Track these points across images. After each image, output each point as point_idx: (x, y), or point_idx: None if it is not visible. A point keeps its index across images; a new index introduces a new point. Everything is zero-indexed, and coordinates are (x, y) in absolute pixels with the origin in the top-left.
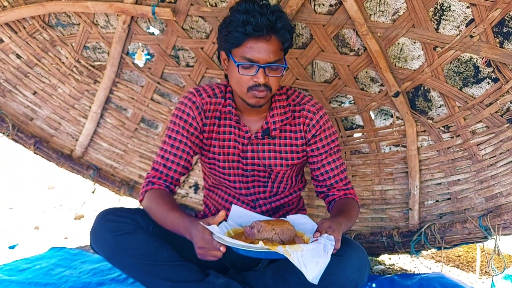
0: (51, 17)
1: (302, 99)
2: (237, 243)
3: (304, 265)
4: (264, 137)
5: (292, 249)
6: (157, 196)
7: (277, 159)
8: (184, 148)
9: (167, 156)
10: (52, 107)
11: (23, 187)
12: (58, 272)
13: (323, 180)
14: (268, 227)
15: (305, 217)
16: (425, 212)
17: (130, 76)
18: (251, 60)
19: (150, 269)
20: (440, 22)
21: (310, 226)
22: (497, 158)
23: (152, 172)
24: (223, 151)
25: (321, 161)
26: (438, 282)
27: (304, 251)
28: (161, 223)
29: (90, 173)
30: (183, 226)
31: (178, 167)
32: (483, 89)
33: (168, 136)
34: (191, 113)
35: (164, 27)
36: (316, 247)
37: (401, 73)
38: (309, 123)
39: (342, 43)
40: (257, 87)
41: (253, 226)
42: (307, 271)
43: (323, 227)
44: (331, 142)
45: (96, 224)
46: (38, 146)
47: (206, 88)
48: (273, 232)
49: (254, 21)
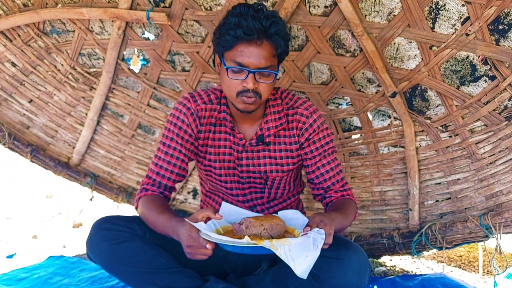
0: (45, 24)
1: (295, 102)
2: (222, 239)
3: (292, 259)
4: (258, 144)
5: (279, 243)
6: (149, 201)
7: (272, 166)
8: (179, 156)
9: (161, 164)
10: (48, 114)
11: (20, 196)
12: (57, 280)
13: (319, 182)
14: (256, 222)
15: (297, 212)
16: (425, 212)
17: (126, 82)
18: (241, 64)
19: (148, 276)
20: (435, 21)
21: (301, 221)
22: (496, 156)
23: (146, 180)
24: (218, 158)
25: (315, 163)
26: (440, 282)
27: (292, 245)
28: (153, 227)
29: (87, 180)
30: (170, 227)
31: (172, 175)
32: (480, 87)
33: (162, 143)
34: (185, 120)
35: (159, 32)
36: (305, 241)
37: (398, 73)
38: (302, 127)
39: (338, 44)
40: (246, 92)
41: (241, 222)
42: (295, 265)
43: (314, 221)
44: (325, 145)
45: (92, 233)
46: (35, 154)
47: (202, 94)
48: (261, 228)
49: (246, 24)
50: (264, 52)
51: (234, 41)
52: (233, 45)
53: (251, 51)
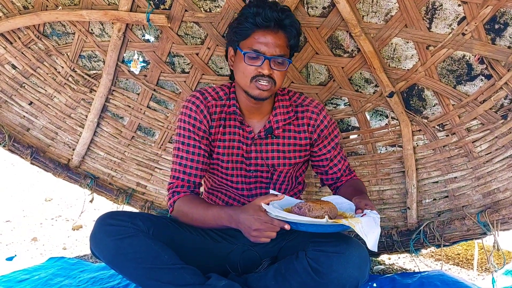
0: (46, 26)
1: (304, 101)
2: (302, 219)
3: (365, 234)
4: (267, 136)
5: (354, 221)
6: (188, 201)
7: (280, 159)
8: (199, 152)
9: (185, 163)
10: (48, 116)
11: (20, 200)
12: (57, 282)
13: (333, 173)
14: (317, 206)
15: (339, 197)
16: (423, 210)
17: (126, 84)
18: (258, 51)
19: (151, 272)
20: (432, 21)
21: (347, 205)
22: (493, 154)
23: (175, 182)
24: (227, 152)
25: (329, 157)
26: (439, 279)
27: (363, 223)
28: (201, 224)
29: (87, 182)
30: (226, 217)
31: (198, 171)
32: (476, 86)
33: (181, 142)
34: (197, 117)
35: (159, 34)
36: (369, 219)
37: (395, 73)
38: (314, 124)
39: (336, 45)
40: (261, 77)
41: (300, 206)
42: (368, 239)
43: (361, 205)
44: (335, 138)
45: (96, 228)
46: (34, 156)
47: (210, 91)
48: (323, 211)
49: (264, 13)
50: (279, 41)
51: (252, 29)
52: (251, 33)
53: (268, 39)
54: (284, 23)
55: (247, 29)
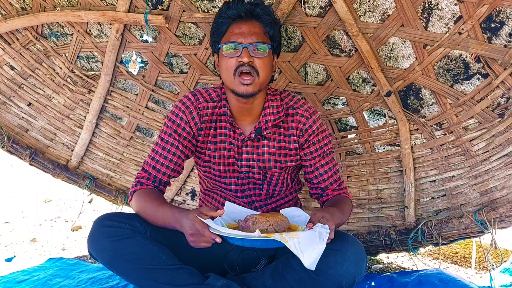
0: (44, 27)
1: (295, 103)
2: (233, 233)
3: (301, 251)
4: (257, 138)
5: (289, 236)
6: (146, 194)
7: (271, 161)
8: (175, 152)
9: (157, 158)
10: (47, 117)
11: (19, 201)
12: (56, 282)
13: (318, 182)
14: (262, 219)
15: (298, 209)
16: (421, 209)
17: (125, 85)
18: (235, 42)
19: (149, 273)
20: (429, 20)
21: (304, 218)
22: (490, 153)
23: (142, 173)
24: (218, 154)
25: (314, 164)
26: (437, 278)
27: (301, 238)
28: (152, 219)
29: (86, 183)
30: (173, 218)
31: (168, 170)
32: (473, 85)
33: (160, 138)
34: (184, 117)
35: (157, 35)
36: (312, 234)
37: (392, 72)
38: (302, 127)
39: (333, 44)
40: (243, 67)
41: (247, 219)
42: (304, 257)
43: (316, 217)
44: (324, 146)
45: (93, 230)
46: (33, 157)
47: (202, 92)
48: (267, 224)
49: (234, 6)
50: (255, 29)
51: (226, 23)
52: (226, 28)
53: (242, 29)
54: (256, 12)
55: (222, 25)
